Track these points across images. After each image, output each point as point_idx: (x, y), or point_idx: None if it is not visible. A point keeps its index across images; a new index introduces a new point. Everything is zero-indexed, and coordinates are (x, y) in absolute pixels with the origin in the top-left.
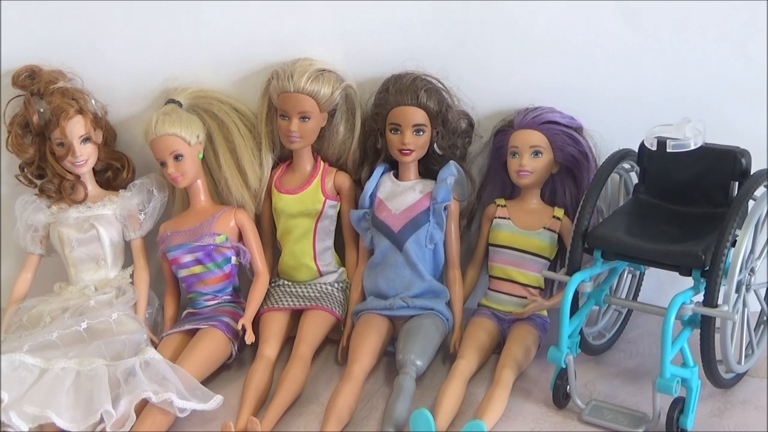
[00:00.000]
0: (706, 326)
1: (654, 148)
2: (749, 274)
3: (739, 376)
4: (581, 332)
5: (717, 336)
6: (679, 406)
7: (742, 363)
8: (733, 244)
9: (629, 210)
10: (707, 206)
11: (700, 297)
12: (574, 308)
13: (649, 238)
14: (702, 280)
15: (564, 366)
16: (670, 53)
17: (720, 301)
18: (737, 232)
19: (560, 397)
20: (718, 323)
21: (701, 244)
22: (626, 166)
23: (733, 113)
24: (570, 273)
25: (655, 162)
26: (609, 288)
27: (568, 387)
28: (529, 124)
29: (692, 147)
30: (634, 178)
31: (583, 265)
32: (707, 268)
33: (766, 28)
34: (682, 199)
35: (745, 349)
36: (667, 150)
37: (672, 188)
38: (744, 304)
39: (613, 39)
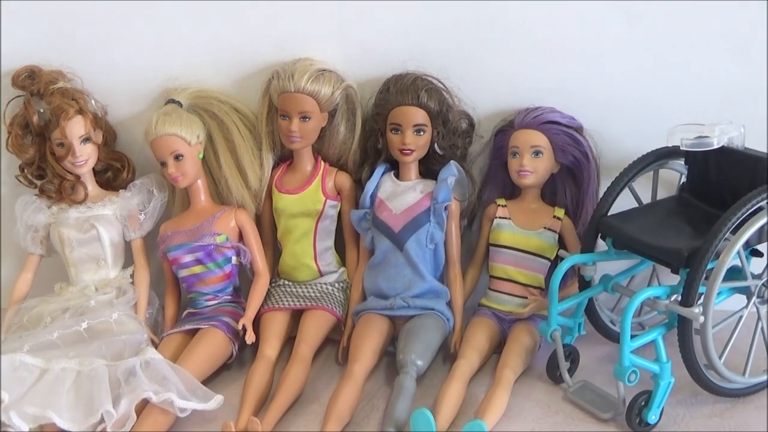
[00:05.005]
0: (682, 325)
1: (683, 147)
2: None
3: (747, 390)
4: (597, 315)
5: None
6: (643, 397)
7: (747, 374)
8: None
9: (665, 205)
10: None
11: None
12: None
13: (651, 232)
14: None
15: (551, 341)
16: (670, 53)
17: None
18: (729, 236)
19: (554, 373)
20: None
21: (692, 244)
22: (675, 163)
23: (734, 113)
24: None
25: (698, 163)
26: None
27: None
28: (530, 124)
29: (708, 148)
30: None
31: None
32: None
33: (766, 28)
34: (715, 202)
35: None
36: (681, 147)
37: (709, 190)
38: (759, 317)
39: (614, 39)
